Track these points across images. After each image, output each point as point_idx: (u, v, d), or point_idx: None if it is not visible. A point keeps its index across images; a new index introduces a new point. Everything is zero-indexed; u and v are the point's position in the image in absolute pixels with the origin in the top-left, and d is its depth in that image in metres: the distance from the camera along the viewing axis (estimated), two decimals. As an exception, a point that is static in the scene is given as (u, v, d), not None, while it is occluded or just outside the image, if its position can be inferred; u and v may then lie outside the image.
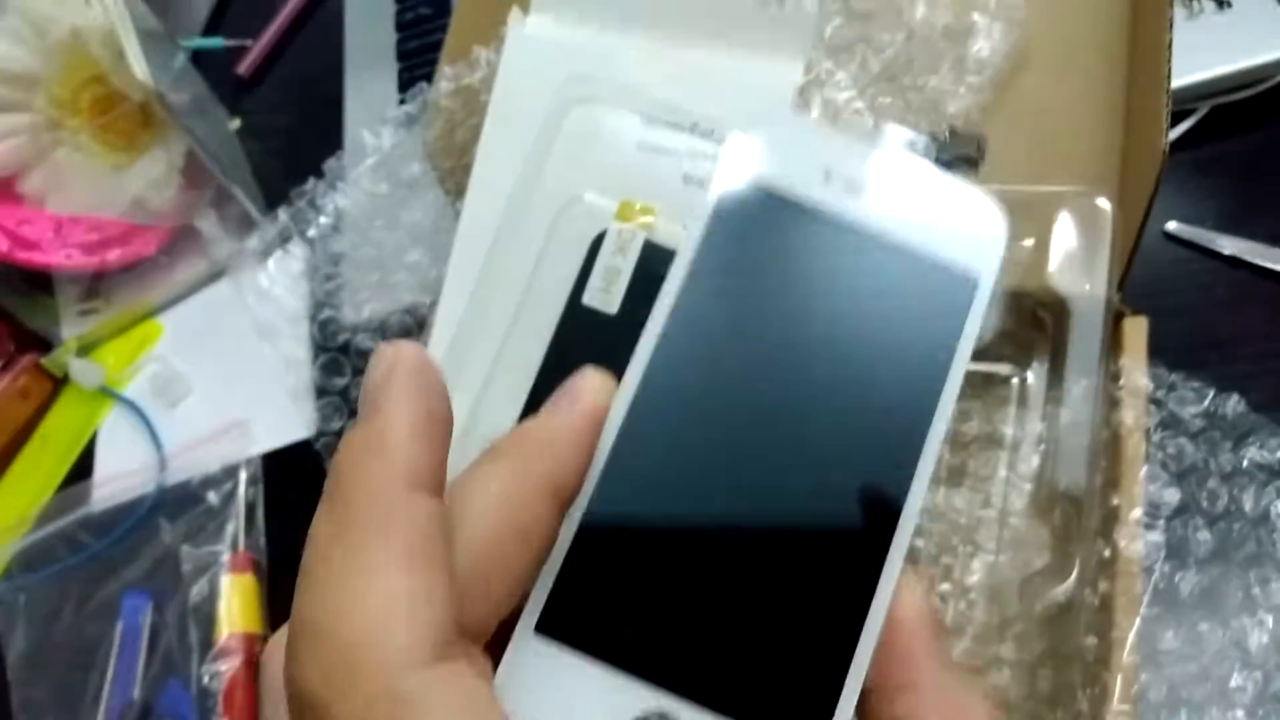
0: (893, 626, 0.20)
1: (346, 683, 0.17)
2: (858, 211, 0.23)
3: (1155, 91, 0.44)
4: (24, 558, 0.58)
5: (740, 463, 0.22)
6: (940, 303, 0.22)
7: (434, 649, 0.17)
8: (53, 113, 0.64)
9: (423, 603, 0.17)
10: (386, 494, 0.18)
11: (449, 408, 0.20)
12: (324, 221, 0.50)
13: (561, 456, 0.21)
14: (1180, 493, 0.41)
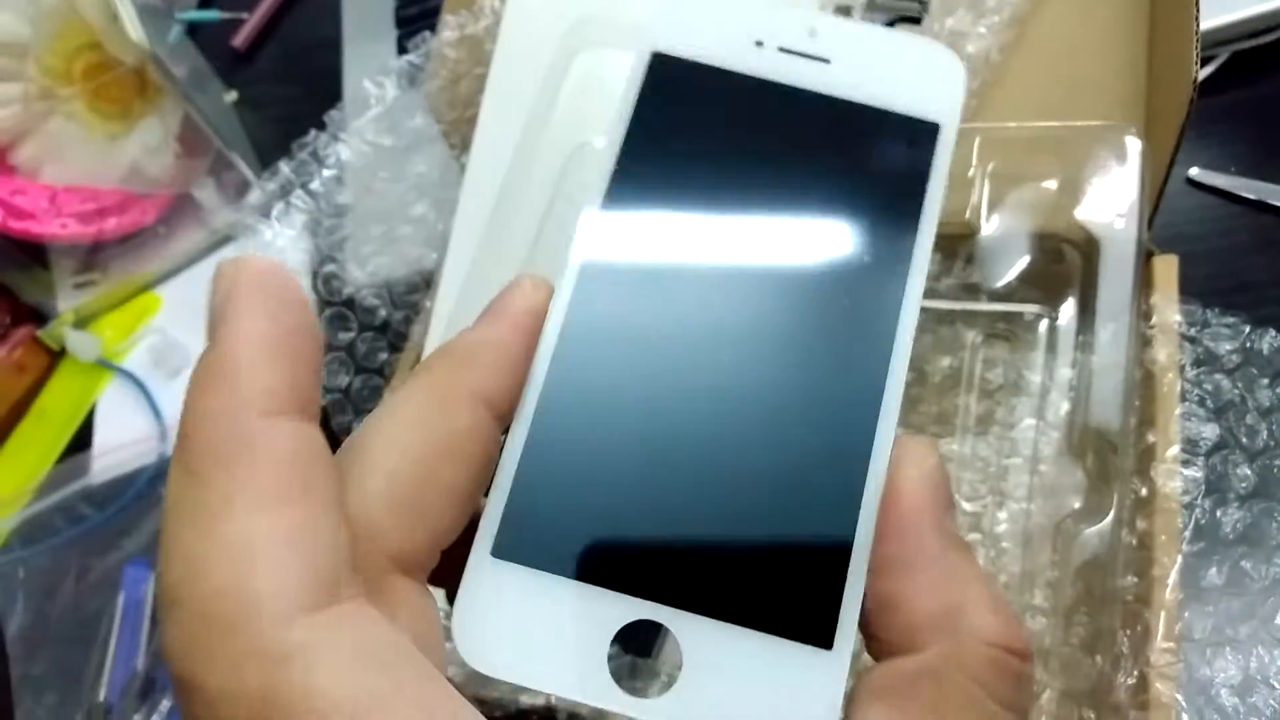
0: (891, 497, 0.19)
1: (209, 645, 0.14)
2: (796, 74, 0.22)
3: (1184, 22, 0.43)
4: (23, 531, 0.56)
5: (699, 344, 0.20)
6: (903, 152, 0.21)
7: (314, 592, 0.15)
8: (45, 81, 0.63)
9: (295, 541, 0.15)
10: (237, 426, 0.16)
11: (308, 317, 0.17)
12: (327, 174, 0.49)
13: (488, 365, 0.19)
14: (1219, 428, 0.40)
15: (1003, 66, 0.48)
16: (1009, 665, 0.18)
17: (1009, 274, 0.45)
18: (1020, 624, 0.18)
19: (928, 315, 0.47)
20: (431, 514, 0.18)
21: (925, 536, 0.18)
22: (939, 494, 0.19)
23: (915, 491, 0.19)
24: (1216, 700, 0.36)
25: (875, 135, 0.22)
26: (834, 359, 0.20)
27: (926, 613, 0.18)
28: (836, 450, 0.19)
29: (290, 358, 0.16)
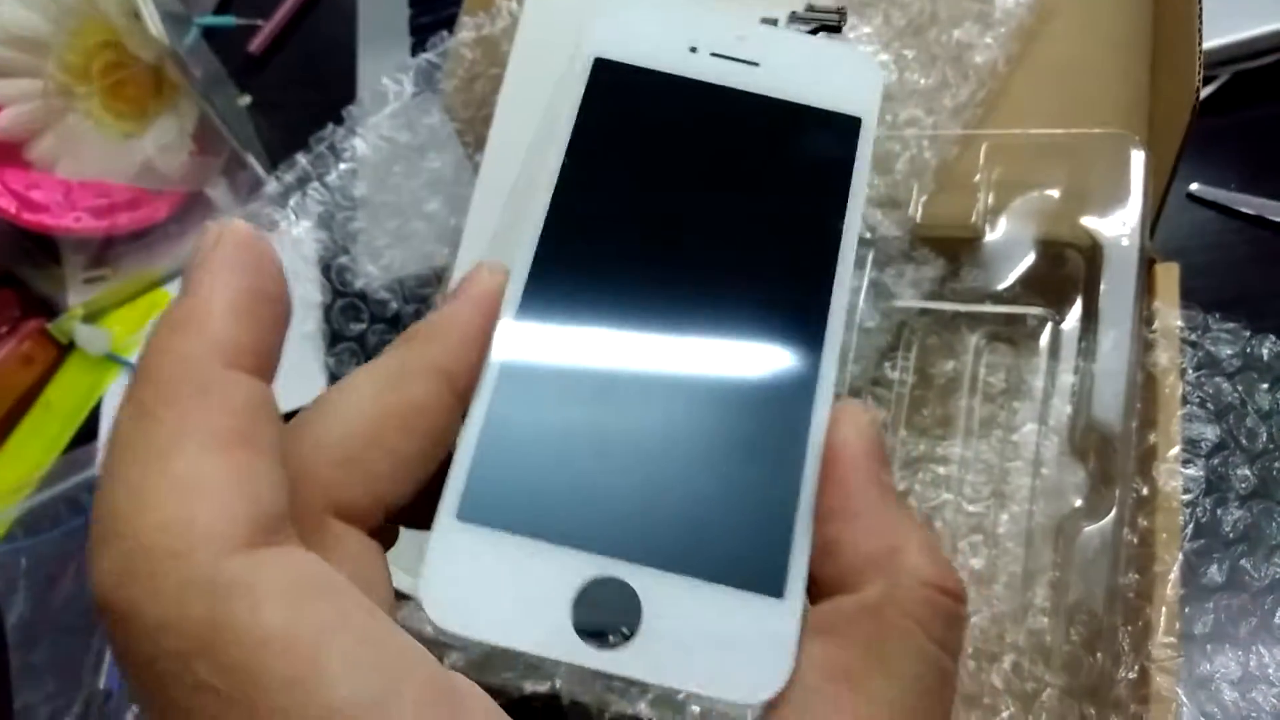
0: (831, 453, 0.20)
1: (151, 574, 0.15)
2: (728, 76, 0.24)
3: (1187, 38, 0.44)
4: (26, 521, 0.56)
5: (650, 318, 0.22)
6: (829, 143, 0.24)
7: (255, 531, 0.16)
8: (63, 78, 0.63)
9: (240, 482, 0.16)
10: (197, 370, 0.16)
11: (281, 287, 0.18)
12: (343, 167, 0.50)
13: (447, 340, 0.21)
14: (1219, 430, 0.41)
15: (1009, 78, 0.49)
16: (942, 604, 0.19)
17: (1013, 278, 0.45)
18: (954, 568, 0.20)
19: (932, 318, 0.47)
20: (375, 474, 0.19)
21: (863, 487, 0.20)
22: (874, 450, 0.20)
23: (852, 447, 0.20)
24: (1217, 695, 0.36)
25: (803, 129, 0.24)
26: (774, 334, 0.22)
27: (866, 555, 0.19)
28: (780, 414, 0.21)
29: (257, 319, 0.17)
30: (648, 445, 0.21)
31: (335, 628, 0.15)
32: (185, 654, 0.14)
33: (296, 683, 0.14)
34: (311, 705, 0.14)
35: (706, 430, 0.21)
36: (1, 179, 0.62)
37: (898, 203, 0.48)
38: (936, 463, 0.45)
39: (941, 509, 0.45)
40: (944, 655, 0.19)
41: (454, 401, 0.20)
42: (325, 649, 0.15)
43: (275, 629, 0.15)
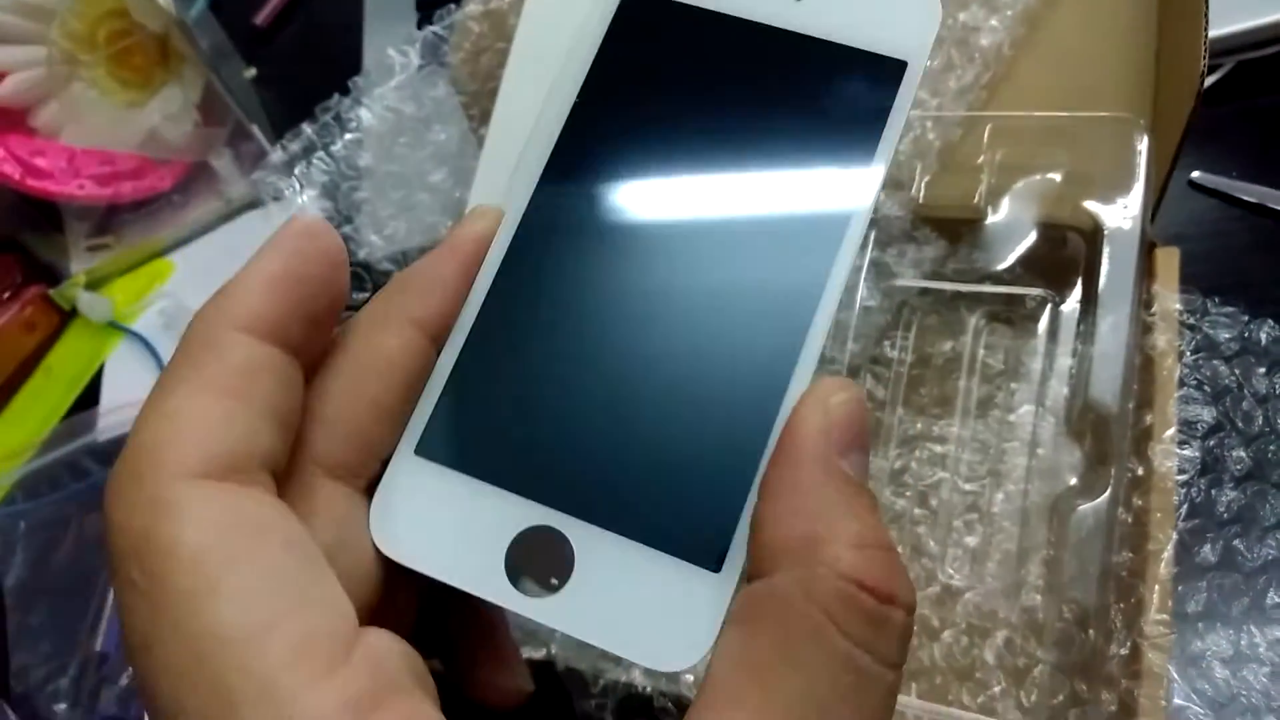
0: (785, 428, 0.19)
1: (120, 485, 0.17)
2: (765, 11, 0.22)
3: (1192, 23, 0.44)
4: (26, 485, 0.57)
5: (635, 273, 0.21)
6: (865, 90, 0.21)
7: (209, 465, 0.17)
8: (68, 46, 0.63)
9: (211, 422, 0.18)
10: (212, 330, 0.19)
11: (320, 271, 0.20)
12: (349, 137, 0.50)
13: (422, 291, 0.21)
14: (1215, 412, 0.41)
15: (1014, 61, 0.49)
16: (862, 602, 0.17)
17: (1013, 259, 0.45)
18: (898, 572, 0.18)
19: (932, 298, 0.48)
20: (359, 428, 0.20)
21: (803, 466, 0.18)
22: (835, 429, 0.19)
23: (807, 424, 0.19)
24: (1208, 673, 0.36)
25: (838, 72, 0.22)
26: (765, 297, 0.20)
27: (783, 538, 0.18)
28: (754, 385, 0.20)
29: (282, 296, 0.19)
30: (611, 405, 0.20)
31: (245, 560, 0.17)
32: (124, 553, 0.17)
33: (192, 596, 0.16)
34: (199, 617, 0.16)
35: (675, 395, 0.20)
36: (6, 145, 0.62)
37: (900, 183, 0.48)
38: (933, 441, 0.46)
39: (938, 487, 0.45)
40: (862, 655, 0.17)
41: (430, 347, 0.21)
42: (227, 575, 0.16)
43: (189, 547, 0.16)
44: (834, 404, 0.19)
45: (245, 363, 0.18)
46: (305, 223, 0.20)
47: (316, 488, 0.20)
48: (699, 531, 0.19)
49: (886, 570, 0.18)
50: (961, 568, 0.43)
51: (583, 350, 0.21)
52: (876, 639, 0.17)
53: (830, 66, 0.22)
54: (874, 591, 0.17)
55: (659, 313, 0.21)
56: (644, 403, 0.20)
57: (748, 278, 0.21)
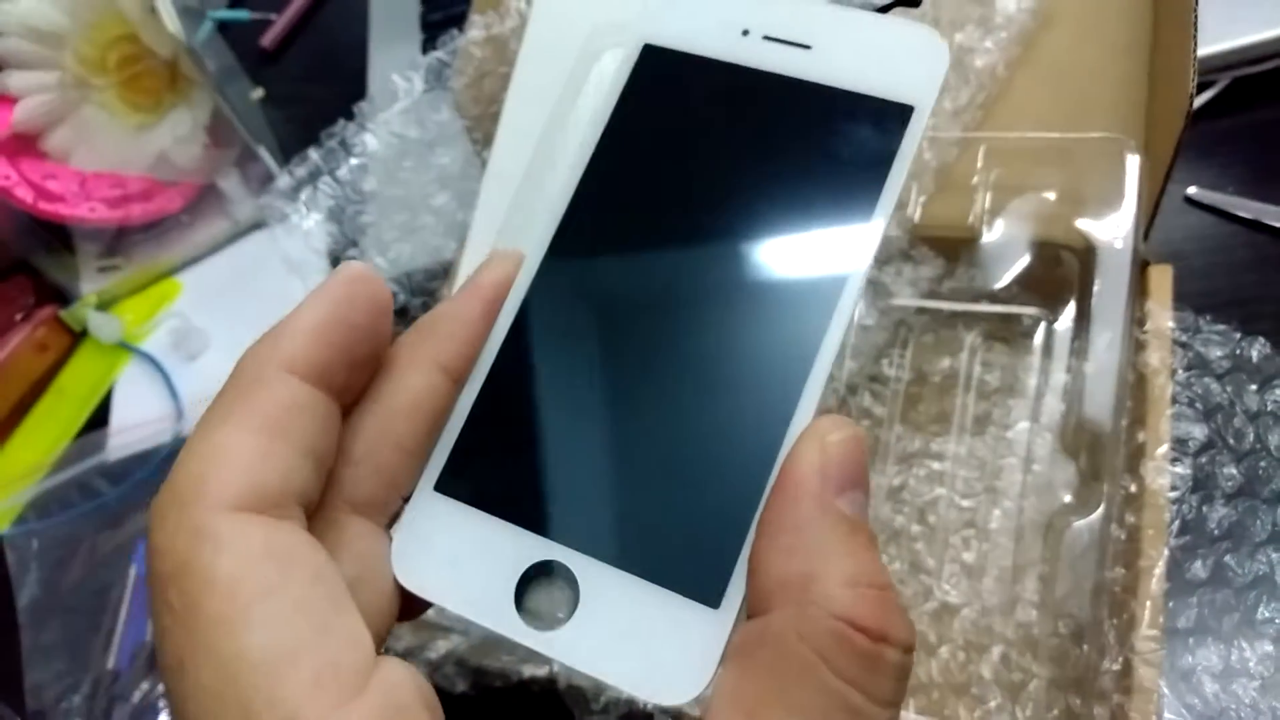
0: (782, 469, 0.19)
1: (164, 512, 0.18)
2: (776, 61, 0.23)
3: (1182, 44, 0.45)
4: (38, 504, 0.57)
5: (647, 320, 0.22)
6: (867, 137, 0.22)
7: (247, 499, 0.18)
8: (79, 71, 0.64)
9: (252, 459, 0.19)
10: (260, 369, 0.20)
11: (365, 319, 0.21)
12: (354, 162, 0.51)
13: (448, 332, 0.22)
14: (1207, 429, 0.41)
15: (1009, 81, 0.50)
16: (854, 641, 0.17)
17: (1008, 278, 0.46)
18: (892, 611, 0.18)
19: (929, 317, 0.48)
20: (384, 466, 0.21)
21: (798, 505, 0.19)
22: (832, 468, 0.19)
23: (804, 463, 0.19)
24: (1198, 688, 0.37)
25: (845, 119, 0.22)
26: (768, 343, 0.21)
27: (778, 576, 0.18)
28: (754, 426, 0.20)
29: (327, 340, 0.20)
30: (618, 444, 0.21)
31: (276, 590, 0.18)
32: (164, 576, 0.18)
33: (224, 621, 0.17)
34: (229, 642, 0.17)
35: (680, 435, 0.20)
36: (18, 169, 0.63)
37: (897, 203, 0.49)
38: (931, 458, 0.46)
39: (935, 504, 0.45)
40: (855, 694, 0.17)
41: (452, 387, 0.22)
42: (258, 603, 0.17)
43: (224, 575, 0.17)
44: (830, 442, 0.19)
45: (288, 402, 0.19)
46: (354, 270, 0.21)
47: (343, 523, 0.21)
48: (699, 568, 0.19)
49: (880, 609, 0.18)
50: (959, 584, 0.43)
51: (592, 391, 0.21)
52: (869, 678, 0.17)
53: (839, 114, 0.22)
54: (866, 630, 0.17)
55: (666, 356, 0.21)
56: (650, 442, 0.21)
57: (752, 323, 0.21)
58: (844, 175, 0.22)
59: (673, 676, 0.19)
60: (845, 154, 0.22)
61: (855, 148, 0.22)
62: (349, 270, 0.21)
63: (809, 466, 0.19)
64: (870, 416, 0.48)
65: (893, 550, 0.45)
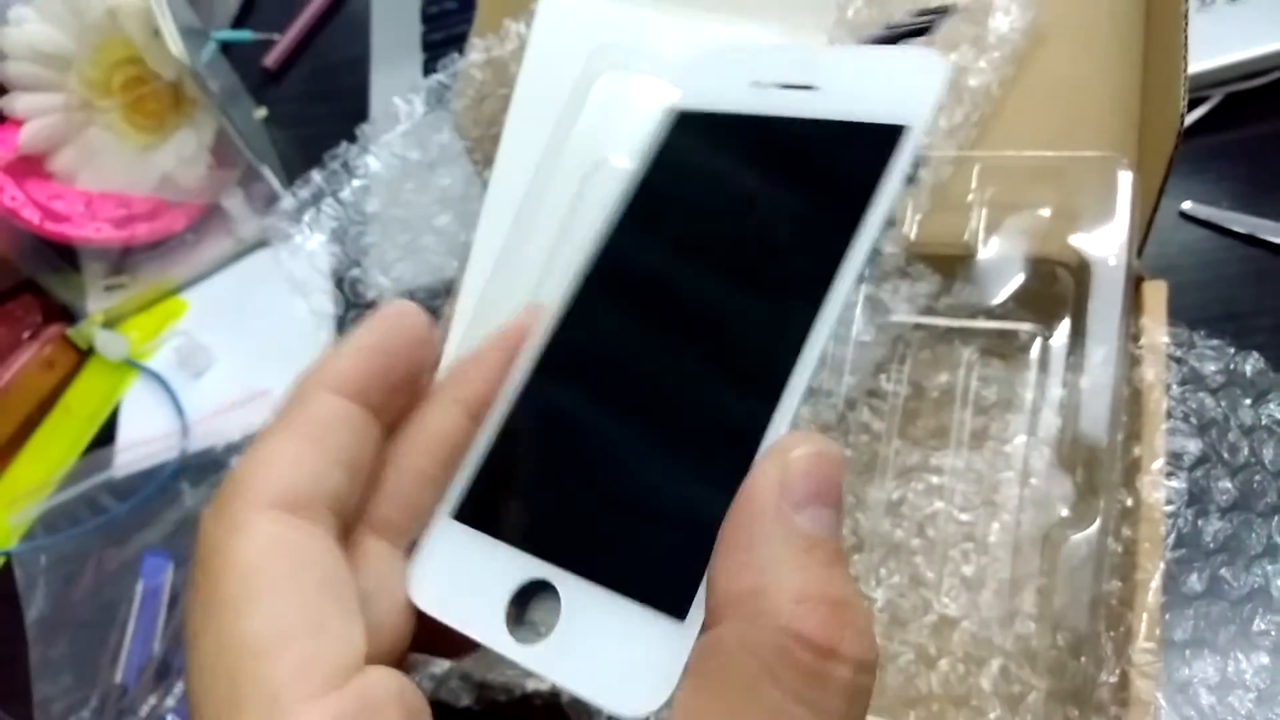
0: (744, 484, 0.19)
1: (215, 507, 0.20)
2: (784, 105, 0.24)
3: (1173, 63, 0.46)
4: (46, 520, 0.58)
5: (646, 366, 0.23)
6: (861, 161, 0.22)
7: (280, 498, 0.20)
8: (85, 92, 0.65)
9: (286, 462, 0.21)
10: (305, 388, 0.22)
11: (402, 346, 0.23)
12: (356, 183, 0.52)
13: (471, 375, 0.24)
14: (1202, 444, 0.42)
15: (1003, 100, 0.50)
16: (800, 658, 0.17)
17: (1004, 294, 0.47)
18: (846, 626, 0.18)
19: (927, 333, 0.49)
20: (405, 493, 0.23)
21: (755, 519, 0.19)
22: (794, 483, 0.19)
23: (762, 477, 0.19)
24: (1195, 700, 0.37)
25: (845, 148, 0.23)
26: (748, 363, 0.22)
27: (730, 590, 0.18)
28: (730, 442, 0.21)
29: (367, 363, 0.22)
30: (612, 466, 0.22)
31: (285, 583, 0.19)
32: (199, 557, 0.20)
33: (235, 603, 0.19)
34: (235, 623, 0.19)
35: (662, 453, 0.22)
36: (25, 190, 0.64)
37: (894, 220, 0.49)
38: (930, 472, 0.47)
39: (934, 517, 0.46)
40: (799, 709, 0.17)
41: (470, 424, 0.24)
42: (267, 592, 0.19)
43: (243, 562, 0.19)
44: (793, 457, 0.19)
45: (326, 415, 0.21)
46: (397, 305, 0.23)
47: (365, 544, 0.22)
48: (667, 581, 0.20)
49: (830, 624, 0.17)
50: (958, 597, 0.44)
51: (589, 423, 0.23)
52: (816, 694, 0.17)
53: (838, 144, 0.23)
54: (814, 645, 0.17)
55: (657, 385, 0.23)
56: (636, 463, 0.22)
57: (733, 345, 0.22)
58: (834, 198, 0.23)
59: (634, 688, 0.19)
60: (839, 178, 0.23)
61: (848, 171, 0.23)
62: (391, 306, 0.23)
63: (767, 481, 0.19)
64: (869, 431, 0.48)
65: (892, 564, 0.45)
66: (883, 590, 0.44)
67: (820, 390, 0.48)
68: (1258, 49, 0.58)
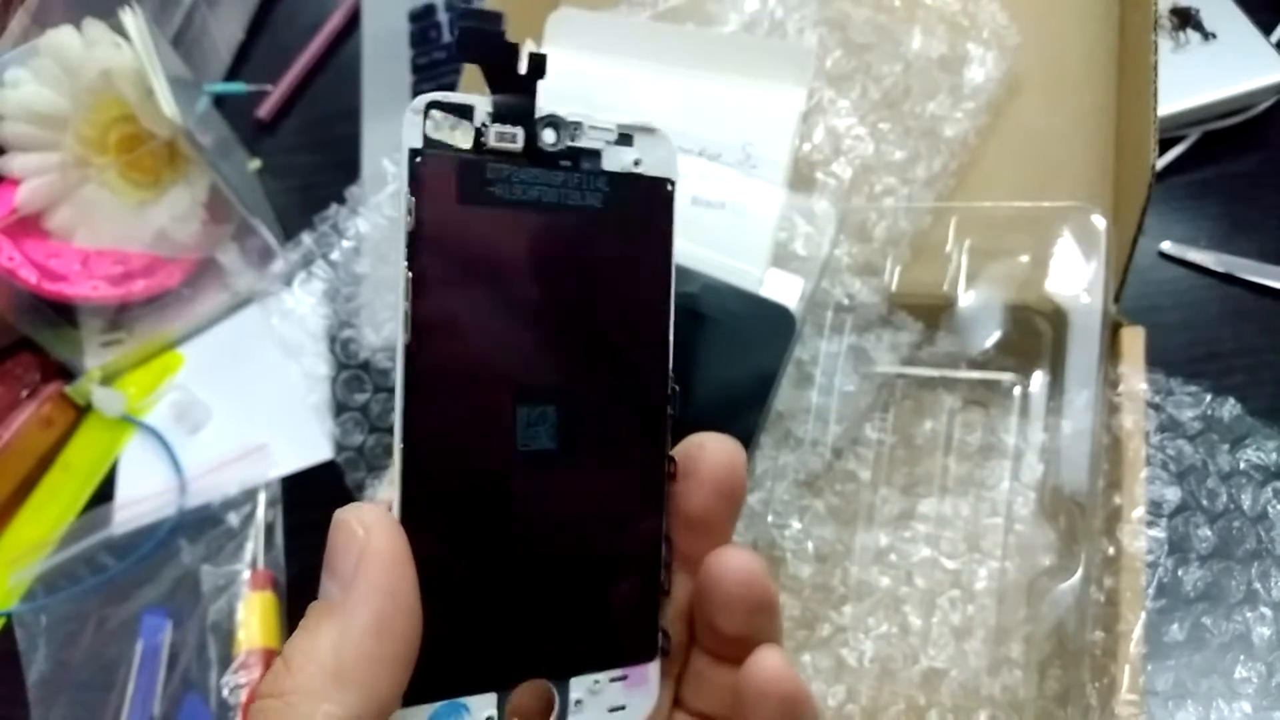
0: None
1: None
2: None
3: (1143, 111, 0.46)
4: (46, 580, 0.58)
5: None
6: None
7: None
8: (81, 151, 0.66)
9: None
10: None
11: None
12: (346, 245, 0.52)
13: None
14: (1181, 491, 0.42)
15: (979, 149, 0.51)
16: None
17: (985, 343, 0.47)
18: None
19: (911, 381, 0.49)
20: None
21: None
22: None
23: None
24: (1178, 750, 0.38)
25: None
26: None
27: None
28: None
29: None
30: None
31: None
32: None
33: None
34: None
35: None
36: (23, 250, 0.65)
37: (875, 270, 0.50)
38: (917, 520, 0.47)
39: (922, 565, 0.46)
40: None
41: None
42: None
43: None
44: None
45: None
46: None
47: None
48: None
49: None
50: (946, 646, 0.44)
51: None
52: None
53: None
54: None
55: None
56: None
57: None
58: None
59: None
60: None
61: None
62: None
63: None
64: (855, 480, 0.49)
65: (881, 613, 0.46)
66: (872, 641, 0.45)
67: (807, 440, 0.49)
68: (1232, 88, 0.59)
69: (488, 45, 0.22)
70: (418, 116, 0.22)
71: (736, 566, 0.24)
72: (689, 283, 0.44)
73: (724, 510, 0.25)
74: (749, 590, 0.24)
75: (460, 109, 0.22)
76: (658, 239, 0.24)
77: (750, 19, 0.55)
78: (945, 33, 0.53)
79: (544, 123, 0.23)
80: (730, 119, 0.52)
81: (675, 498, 0.25)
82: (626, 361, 0.24)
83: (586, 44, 0.55)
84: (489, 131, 0.22)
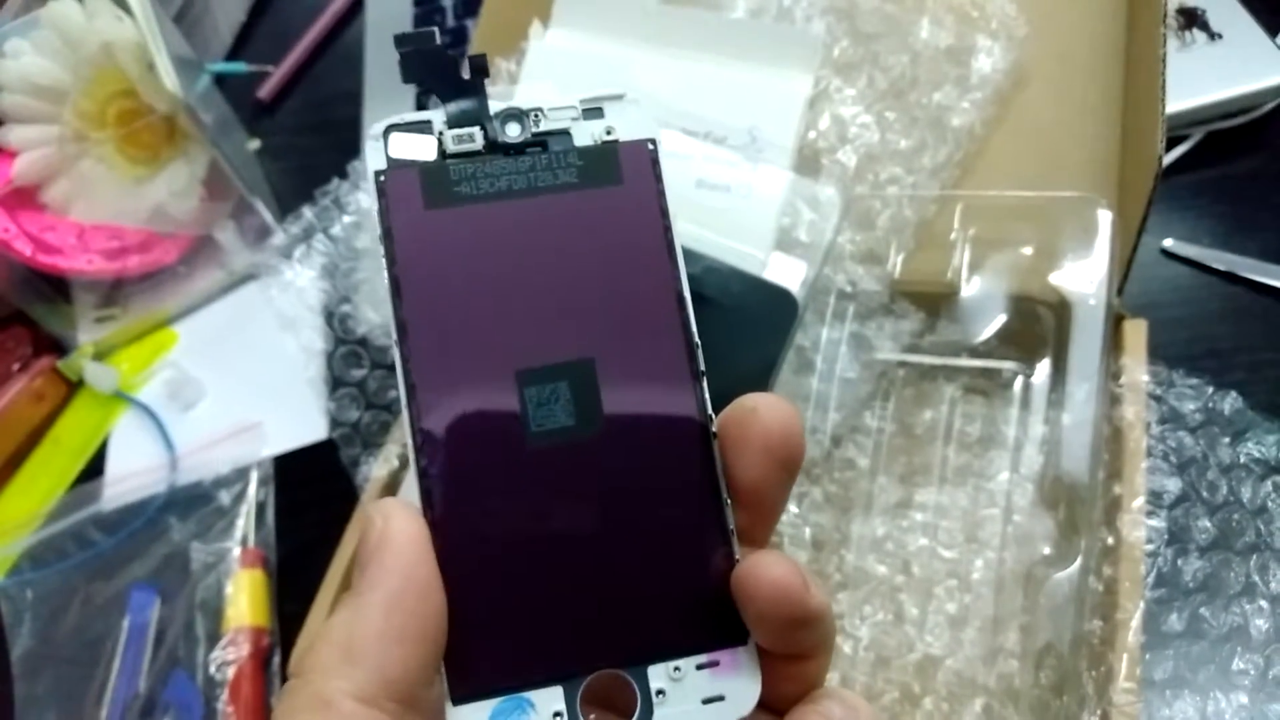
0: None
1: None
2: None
3: (1150, 102, 0.46)
4: (33, 554, 0.58)
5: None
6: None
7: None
8: (79, 125, 0.66)
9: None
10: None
11: None
12: (347, 219, 0.52)
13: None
14: (1181, 483, 0.42)
15: (985, 139, 0.51)
16: None
17: (987, 332, 0.47)
18: None
19: (912, 370, 0.49)
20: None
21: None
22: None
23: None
24: (1175, 740, 0.37)
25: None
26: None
27: None
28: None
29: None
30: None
31: None
32: None
33: None
34: None
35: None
36: (18, 222, 0.64)
37: (878, 258, 0.50)
38: (915, 509, 0.47)
39: (919, 554, 0.46)
40: None
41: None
42: None
43: None
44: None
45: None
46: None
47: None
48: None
49: None
50: (942, 635, 0.44)
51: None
52: None
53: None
54: None
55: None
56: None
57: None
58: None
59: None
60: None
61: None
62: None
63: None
64: (854, 468, 0.49)
65: (877, 601, 0.45)
66: (867, 628, 0.44)
67: (806, 426, 0.48)
68: (1237, 88, 0.59)
69: (429, 63, 0.24)
70: (378, 141, 0.23)
71: (770, 580, 0.21)
72: (691, 264, 0.44)
73: (780, 481, 0.22)
74: (783, 607, 0.21)
75: (418, 125, 0.23)
76: (647, 197, 0.24)
77: (758, 5, 0.55)
78: (953, 23, 0.52)
79: (503, 117, 0.23)
80: (736, 103, 0.51)
81: (725, 468, 0.23)
82: (639, 324, 0.23)
83: (594, 26, 0.54)
84: (447, 137, 0.23)
